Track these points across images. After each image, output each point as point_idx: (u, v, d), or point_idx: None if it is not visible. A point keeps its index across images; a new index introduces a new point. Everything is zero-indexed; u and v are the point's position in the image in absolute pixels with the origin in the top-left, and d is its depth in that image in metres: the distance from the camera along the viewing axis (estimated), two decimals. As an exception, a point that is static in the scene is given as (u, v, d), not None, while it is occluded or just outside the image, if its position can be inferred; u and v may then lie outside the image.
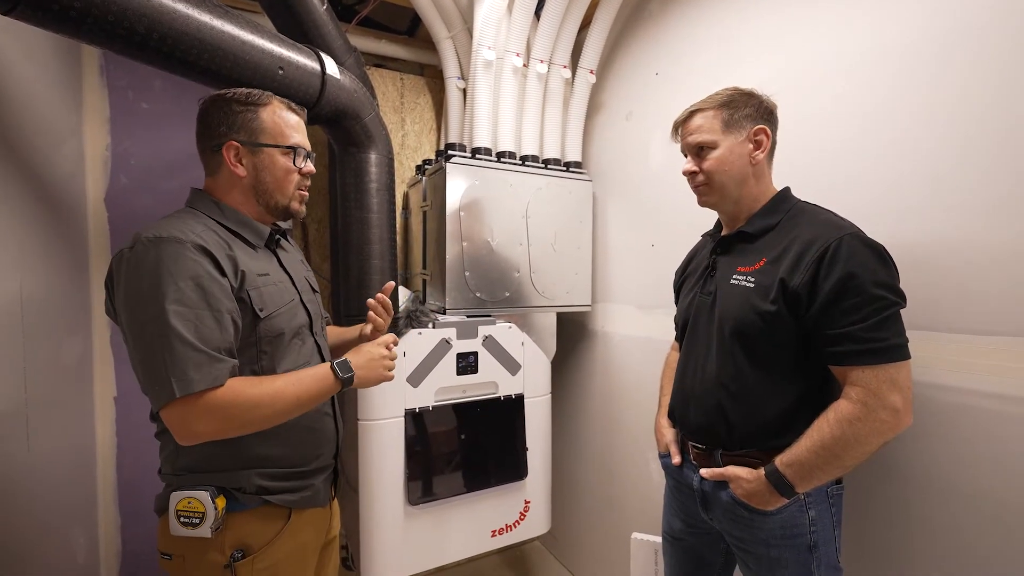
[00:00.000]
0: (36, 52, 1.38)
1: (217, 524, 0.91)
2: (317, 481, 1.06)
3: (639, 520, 1.78)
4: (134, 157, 1.78)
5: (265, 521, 0.98)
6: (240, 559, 0.93)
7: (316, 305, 1.13)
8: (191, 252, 0.86)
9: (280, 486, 0.99)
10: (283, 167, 1.00)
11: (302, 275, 1.12)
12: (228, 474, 0.95)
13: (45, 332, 1.37)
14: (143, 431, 1.78)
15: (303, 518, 1.03)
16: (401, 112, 2.23)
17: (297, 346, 1.03)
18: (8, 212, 1.21)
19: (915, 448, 1.02)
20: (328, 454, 1.10)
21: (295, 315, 1.03)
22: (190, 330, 0.83)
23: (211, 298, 0.86)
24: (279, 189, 1.01)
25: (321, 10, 1.53)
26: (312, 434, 1.05)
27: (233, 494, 0.95)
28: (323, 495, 1.09)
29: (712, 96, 1.05)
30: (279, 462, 0.99)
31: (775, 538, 0.96)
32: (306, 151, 1.03)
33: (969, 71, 0.96)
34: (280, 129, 0.99)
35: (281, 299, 1.01)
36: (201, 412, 0.83)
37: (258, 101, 0.98)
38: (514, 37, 1.74)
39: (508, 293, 1.77)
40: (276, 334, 0.98)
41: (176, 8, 1.09)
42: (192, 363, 0.82)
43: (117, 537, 1.79)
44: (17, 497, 1.21)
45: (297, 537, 1.02)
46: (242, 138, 0.97)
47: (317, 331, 1.10)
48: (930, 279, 1.00)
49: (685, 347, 1.15)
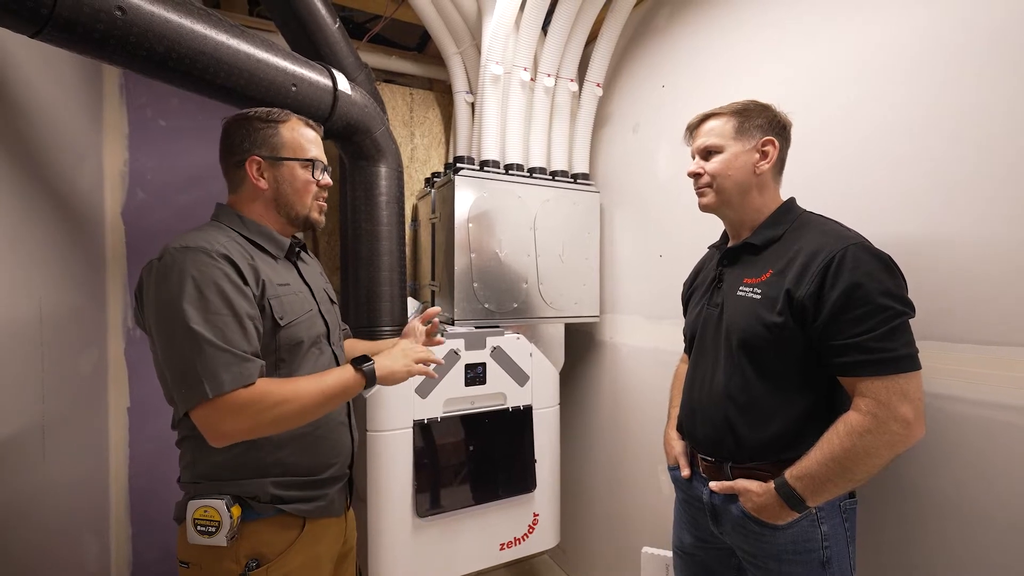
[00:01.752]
0: (60, 72, 1.43)
1: (232, 533, 0.92)
2: (331, 491, 1.07)
3: (649, 534, 1.75)
4: (151, 172, 1.82)
5: (280, 530, 0.98)
6: (255, 568, 0.94)
7: (334, 316, 1.16)
8: (216, 260, 0.89)
9: (294, 495, 1.00)
10: (302, 179, 1.05)
11: (321, 286, 1.15)
12: (243, 483, 0.96)
13: (63, 344, 1.40)
14: (156, 442, 1.81)
15: (318, 528, 1.04)
16: (411, 126, 2.26)
17: (315, 355, 1.05)
18: (31, 228, 1.24)
19: (930, 461, 1.00)
20: (343, 464, 1.10)
21: (313, 325, 1.05)
22: (217, 334, 0.85)
23: (235, 304, 0.89)
24: (299, 200, 1.05)
25: (333, 28, 1.56)
26: (326, 443, 1.06)
27: (248, 503, 0.96)
28: (338, 505, 1.09)
29: (729, 104, 1.06)
30: (293, 470, 1.00)
31: (787, 553, 0.94)
32: (324, 164, 1.08)
33: (982, 76, 0.95)
34: (299, 143, 1.04)
35: (300, 308, 1.03)
36: (232, 411, 0.85)
37: (277, 119, 1.03)
38: (522, 52, 1.77)
39: (516, 304, 1.78)
40: (295, 343, 1.00)
41: (194, 29, 1.12)
42: (222, 364, 0.85)
43: (128, 547, 1.80)
44: (31, 505, 1.22)
45: (312, 547, 1.02)
46: (264, 153, 1.01)
47: (335, 341, 1.13)
48: (944, 289, 0.99)
49: (693, 359, 1.15)
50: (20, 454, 1.18)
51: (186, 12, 1.11)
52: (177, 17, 1.09)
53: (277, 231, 1.06)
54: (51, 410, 1.31)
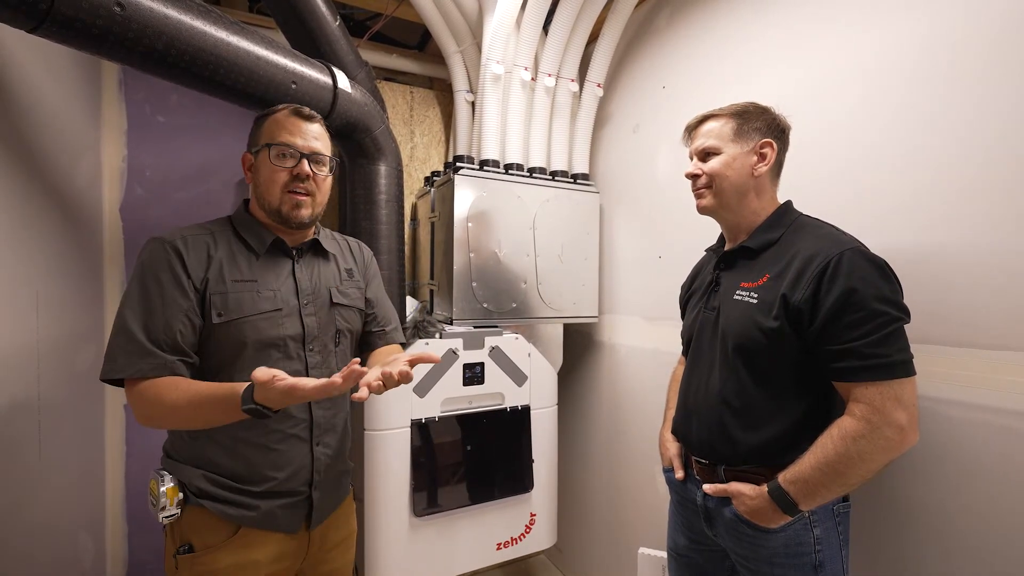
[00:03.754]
0: (59, 68, 1.43)
1: (169, 513, 0.95)
2: (268, 504, 1.00)
3: (646, 535, 1.76)
4: (149, 168, 1.82)
5: (212, 525, 0.98)
6: (185, 553, 0.97)
7: (330, 318, 1.08)
8: (166, 251, 0.94)
9: (221, 494, 0.97)
10: (268, 168, 1.00)
11: (327, 286, 1.09)
12: (182, 467, 0.99)
13: (60, 340, 1.40)
14: (152, 438, 1.80)
15: (254, 537, 0.99)
16: (410, 124, 2.26)
17: (273, 359, 0.99)
18: (29, 225, 1.24)
19: (925, 464, 1.01)
20: (292, 481, 1.02)
21: (275, 326, 0.99)
22: (137, 321, 0.90)
23: (166, 294, 0.92)
24: (268, 191, 1.00)
25: (334, 26, 1.56)
26: (265, 454, 0.99)
27: (185, 489, 0.98)
28: (283, 522, 1.01)
29: (729, 105, 1.06)
30: (220, 471, 0.98)
31: (779, 556, 0.95)
32: (297, 150, 0.99)
33: (984, 81, 0.95)
34: (272, 132, 1.00)
35: (254, 307, 0.98)
36: (131, 398, 0.91)
37: (268, 112, 1.04)
38: (522, 51, 1.76)
39: (515, 304, 1.78)
40: (237, 342, 0.96)
41: (194, 25, 1.12)
42: (122, 351, 0.89)
43: (124, 545, 1.80)
44: (26, 502, 1.22)
45: (245, 553, 0.98)
46: (250, 147, 1.04)
47: (314, 347, 1.05)
48: (943, 293, 0.99)
49: (689, 362, 1.15)
50: (16, 451, 1.18)
51: (185, 8, 1.11)
52: (176, 13, 1.09)
53: (271, 227, 1.05)
54: (47, 406, 1.31)
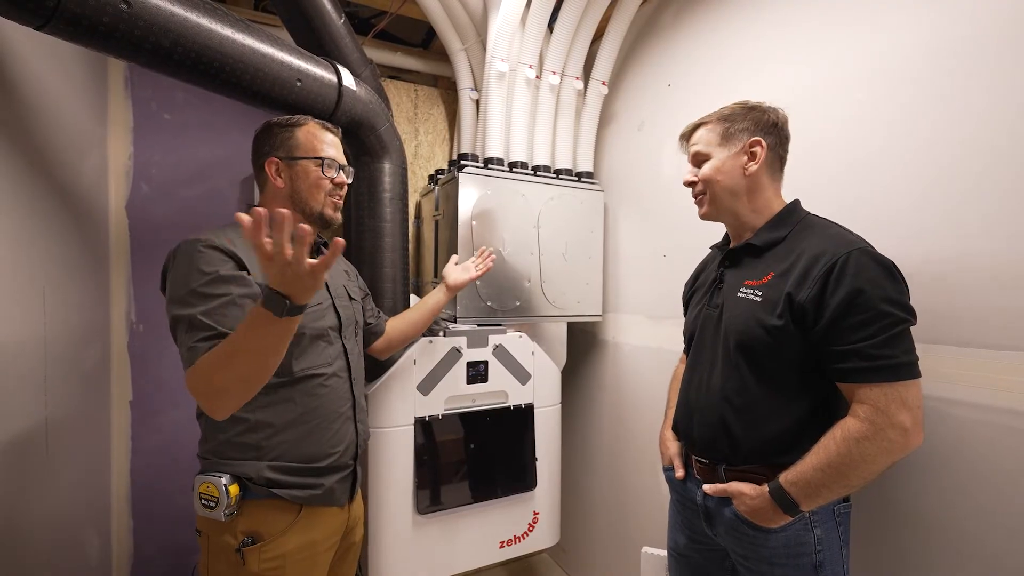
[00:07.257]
0: (65, 65, 1.43)
1: (231, 510, 0.98)
2: (329, 480, 1.09)
3: (650, 533, 1.76)
4: (155, 166, 1.83)
5: (276, 513, 1.03)
6: (250, 545, 0.99)
7: (351, 311, 1.23)
8: (215, 252, 0.97)
9: (289, 480, 1.03)
10: (315, 176, 1.10)
11: (341, 283, 1.23)
12: (242, 463, 1.01)
13: (66, 338, 1.41)
14: (158, 435, 1.81)
15: (314, 515, 1.07)
16: (415, 123, 2.26)
17: (321, 347, 1.11)
18: (35, 223, 1.25)
19: (929, 464, 1.00)
20: (344, 455, 1.13)
21: (322, 318, 1.12)
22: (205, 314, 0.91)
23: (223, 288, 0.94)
24: (312, 197, 1.11)
25: (339, 24, 1.56)
26: (325, 432, 1.10)
27: (246, 483, 1.01)
28: (338, 495, 1.12)
29: (718, 110, 1.07)
30: (288, 456, 1.04)
31: (779, 557, 0.94)
32: (339, 164, 1.14)
33: (993, 80, 0.94)
34: (312, 144, 1.11)
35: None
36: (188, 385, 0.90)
37: (295, 123, 1.11)
38: (527, 49, 1.76)
39: (519, 302, 1.78)
40: (297, 333, 1.02)
41: (200, 23, 1.12)
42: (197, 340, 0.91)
43: (130, 540, 1.81)
44: (34, 499, 1.23)
45: (307, 533, 1.05)
46: (280, 154, 1.09)
47: (347, 335, 1.19)
48: (950, 292, 0.98)
49: (691, 360, 1.14)
50: (24, 448, 1.19)
51: (192, 6, 1.11)
52: (183, 11, 1.09)
53: None
54: (54, 404, 1.32)
